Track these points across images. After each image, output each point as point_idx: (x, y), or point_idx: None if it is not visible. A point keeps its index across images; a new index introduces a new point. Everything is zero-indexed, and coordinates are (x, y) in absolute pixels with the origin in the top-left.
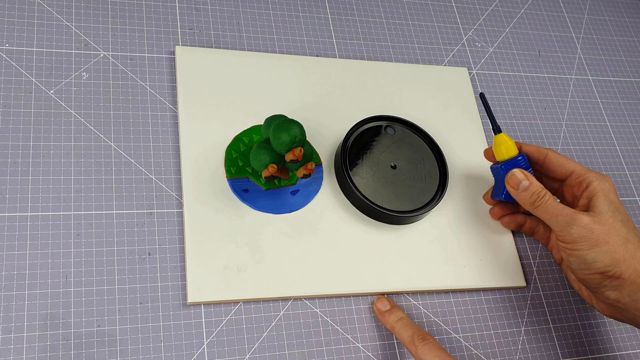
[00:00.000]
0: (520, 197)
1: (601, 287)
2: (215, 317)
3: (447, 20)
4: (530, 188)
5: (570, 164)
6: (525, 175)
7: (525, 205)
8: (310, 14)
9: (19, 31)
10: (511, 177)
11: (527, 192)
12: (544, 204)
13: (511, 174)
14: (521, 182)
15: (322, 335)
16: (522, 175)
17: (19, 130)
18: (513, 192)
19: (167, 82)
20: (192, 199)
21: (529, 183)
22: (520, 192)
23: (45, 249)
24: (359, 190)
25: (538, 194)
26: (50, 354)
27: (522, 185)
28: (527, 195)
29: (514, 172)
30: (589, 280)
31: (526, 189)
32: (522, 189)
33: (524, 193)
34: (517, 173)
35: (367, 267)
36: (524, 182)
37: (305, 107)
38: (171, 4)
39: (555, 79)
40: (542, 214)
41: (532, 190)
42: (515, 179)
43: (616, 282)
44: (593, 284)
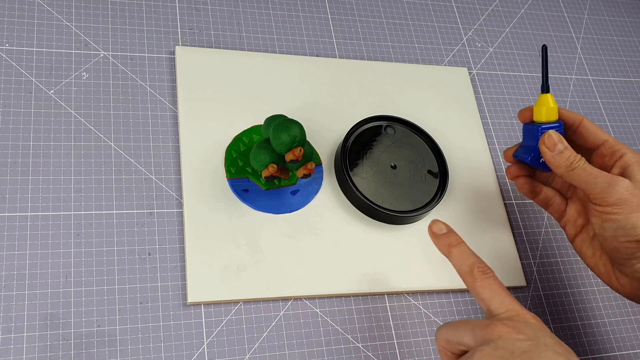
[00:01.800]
0: (555, 160)
1: (633, 258)
2: (215, 317)
3: (447, 20)
4: (566, 151)
5: (603, 134)
6: (560, 138)
7: (559, 169)
8: (310, 14)
9: (19, 31)
10: (548, 137)
11: (563, 154)
12: (581, 167)
13: (548, 134)
14: (557, 144)
15: (322, 335)
16: (557, 137)
17: (19, 130)
18: (548, 154)
19: (167, 82)
20: (192, 199)
21: (564, 147)
22: (555, 154)
23: (45, 249)
24: (359, 190)
25: (575, 156)
26: (50, 354)
27: (558, 148)
28: (562, 158)
29: (550, 133)
30: (622, 249)
31: (562, 152)
32: (557, 151)
33: (559, 155)
34: (552, 135)
35: (367, 267)
36: (560, 144)
37: (305, 107)
38: (171, 4)
39: (555, 79)
40: (579, 176)
41: (569, 154)
42: (552, 140)
43: None
44: (626, 253)
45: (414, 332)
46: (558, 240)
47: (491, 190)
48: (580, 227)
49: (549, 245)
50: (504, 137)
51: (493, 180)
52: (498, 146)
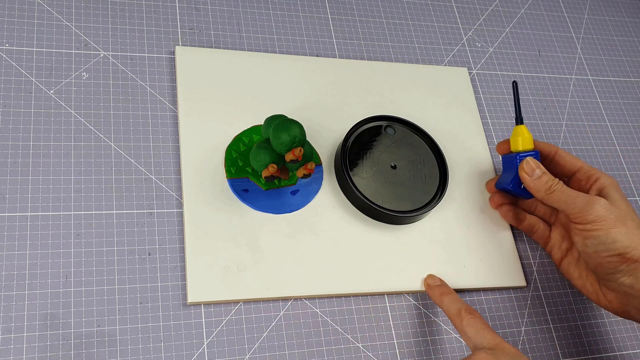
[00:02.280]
0: (535, 184)
1: (617, 272)
2: (215, 317)
3: (447, 20)
4: (544, 176)
5: (578, 161)
6: (537, 164)
7: (539, 192)
8: (310, 14)
9: (19, 31)
10: (526, 164)
11: (542, 179)
12: (559, 189)
13: (526, 161)
14: (535, 170)
15: (322, 335)
16: (537, 163)
17: (19, 130)
18: (527, 179)
19: (167, 82)
20: (192, 199)
21: (541, 172)
22: (534, 179)
23: (45, 249)
24: (359, 190)
25: (553, 180)
26: (50, 354)
27: (536, 173)
28: (541, 182)
29: (528, 160)
30: (605, 264)
31: (540, 177)
32: (536, 176)
33: (538, 180)
34: (531, 161)
35: (367, 267)
36: (539, 169)
37: (305, 107)
38: (171, 4)
39: (555, 79)
40: (558, 198)
41: (547, 178)
42: (530, 166)
43: (633, 265)
44: (609, 268)
45: (414, 332)
46: None
47: None
48: (565, 251)
49: None
50: (504, 137)
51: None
52: None
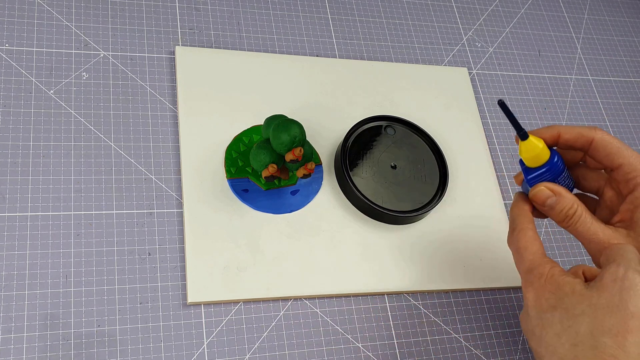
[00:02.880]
0: (550, 215)
1: None
2: (215, 317)
3: (447, 20)
4: (558, 205)
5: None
6: (551, 190)
7: (558, 223)
8: (310, 14)
9: (19, 31)
10: (535, 194)
11: (555, 209)
12: (574, 224)
13: (536, 191)
14: (547, 200)
15: (322, 335)
16: (548, 191)
17: (19, 130)
18: (541, 210)
19: (167, 82)
20: (192, 199)
21: (556, 200)
22: (548, 211)
23: (45, 249)
24: (359, 190)
25: (567, 212)
26: (50, 354)
27: (548, 203)
28: (555, 213)
29: (539, 190)
30: None
31: (553, 207)
32: (548, 208)
33: (551, 212)
34: (542, 190)
35: (367, 267)
36: (550, 199)
37: (305, 107)
38: (171, 4)
39: (555, 79)
40: (574, 234)
41: (561, 208)
42: (540, 197)
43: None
44: None
45: (414, 332)
46: (558, 240)
47: (491, 190)
48: None
49: (549, 245)
50: (504, 137)
51: (493, 180)
52: (498, 146)
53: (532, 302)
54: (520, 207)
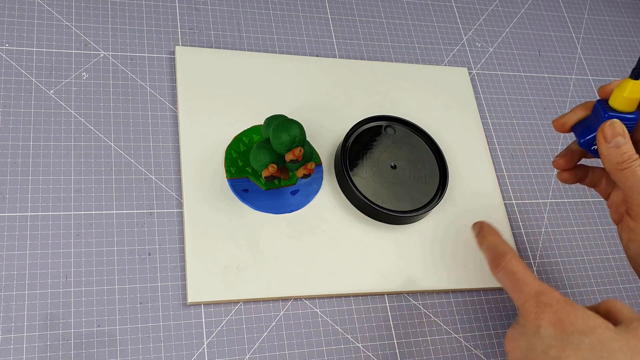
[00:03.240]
0: (609, 153)
1: None
2: (215, 317)
3: (447, 20)
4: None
5: None
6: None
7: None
8: (310, 14)
9: (19, 31)
10: (609, 127)
11: (619, 150)
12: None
13: (611, 123)
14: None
15: (322, 335)
16: (622, 129)
17: (19, 130)
18: (602, 145)
19: (167, 82)
20: (192, 199)
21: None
22: (611, 147)
23: (45, 249)
24: (359, 190)
25: (630, 155)
26: (50, 354)
27: (616, 141)
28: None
29: (615, 123)
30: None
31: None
32: (614, 144)
33: (615, 149)
34: (617, 126)
35: (367, 267)
36: (621, 138)
37: (305, 107)
38: (171, 4)
39: (555, 79)
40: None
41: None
42: (612, 130)
43: None
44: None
45: (414, 332)
46: (558, 240)
47: (491, 190)
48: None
49: (549, 245)
50: (504, 137)
51: (493, 180)
52: (498, 146)
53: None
54: (497, 235)
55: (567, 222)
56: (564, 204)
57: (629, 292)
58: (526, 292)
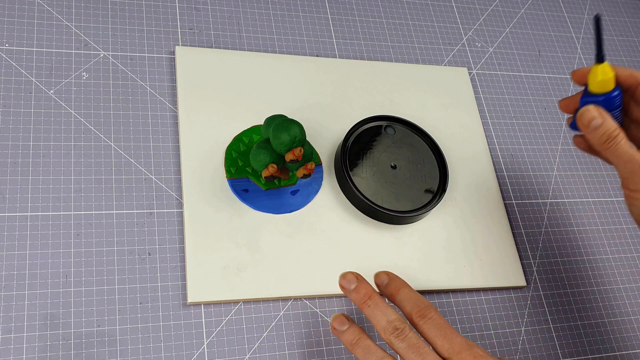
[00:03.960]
0: (591, 137)
1: None
2: (215, 317)
3: (447, 20)
4: (601, 127)
5: None
6: (599, 113)
7: (596, 145)
8: (310, 14)
9: (19, 31)
10: (583, 114)
11: (598, 131)
12: (614, 146)
13: (584, 110)
14: (593, 120)
15: (322, 335)
16: (596, 112)
17: (19, 130)
18: (584, 131)
19: (167, 82)
20: (192, 199)
21: (601, 122)
22: (591, 131)
23: (45, 249)
24: (359, 190)
25: (610, 134)
26: (50, 354)
27: (593, 124)
28: (597, 135)
29: (587, 109)
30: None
31: (597, 128)
32: (592, 129)
33: (594, 132)
34: (590, 110)
35: (367, 267)
36: (596, 120)
37: (305, 107)
38: (171, 4)
39: (555, 79)
40: (611, 156)
41: (604, 130)
42: (586, 117)
43: None
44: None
45: None
46: (558, 240)
47: (491, 190)
48: None
49: (549, 245)
50: (504, 137)
51: (493, 180)
52: (498, 146)
53: None
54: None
55: (567, 222)
56: (564, 204)
57: (629, 292)
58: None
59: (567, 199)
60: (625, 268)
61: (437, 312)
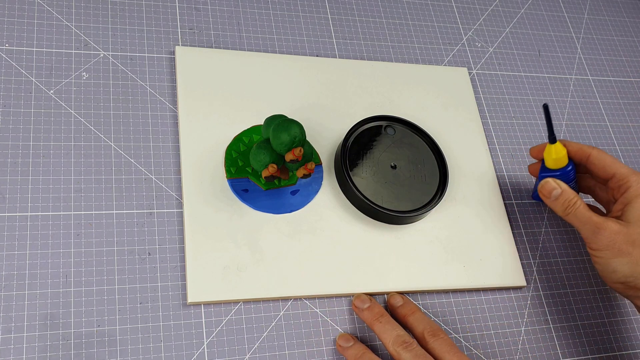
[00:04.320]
0: (552, 206)
1: (627, 296)
2: (215, 317)
3: (447, 20)
4: (561, 197)
5: (613, 166)
6: (557, 184)
7: (558, 212)
8: (310, 14)
9: (19, 31)
10: (544, 185)
11: (558, 200)
12: (573, 212)
13: (544, 182)
14: (553, 191)
15: (322, 335)
16: (555, 184)
17: (19, 130)
18: (546, 201)
19: (167, 82)
20: (192, 199)
21: (560, 192)
22: (552, 201)
23: (45, 249)
24: (359, 190)
25: (569, 201)
26: (50, 354)
27: (553, 194)
28: (558, 203)
29: (547, 181)
30: (614, 288)
31: (557, 198)
32: (553, 198)
33: (555, 202)
34: (549, 182)
35: (367, 267)
36: (556, 190)
37: (305, 107)
38: (171, 4)
39: (555, 79)
40: (572, 220)
41: (564, 199)
42: (547, 187)
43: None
44: (619, 291)
45: None
46: (558, 240)
47: (491, 190)
48: None
49: (549, 245)
50: (504, 137)
51: (493, 180)
52: (498, 146)
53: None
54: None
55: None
56: None
57: None
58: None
59: None
60: None
61: (447, 335)
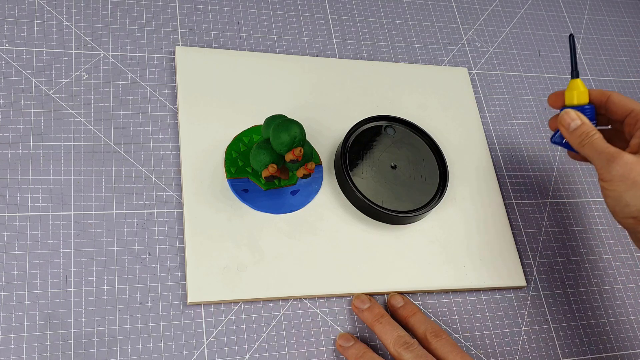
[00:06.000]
0: (570, 136)
1: (636, 232)
2: (215, 317)
3: (447, 20)
4: (580, 128)
5: (631, 104)
6: (578, 115)
7: (574, 145)
8: (310, 14)
9: (19, 31)
10: (563, 116)
11: (576, 131)
12: (590, 142)
13: (565, 112)
14: (572, 122)
15: (322, 335)
16: (575, 115)
17: (19, 130)
18: (564, 132)
19: (167, 82)
20: (192, 199)
21: (579, 123)
22: (570, 132)
23: (45, 249)
24: (359, 190)
25: (587, 132)
26: (50, 354)
27: (572, 125)
28: (575, 135)
29: (566, 112)
30: (624, 223)
31: (576, 129)
32: (572, 128)
33: (574, 132)
34: (569, 112)
35: (367, 267)
36: (575, 121)
37: (305, 107)
38: (171, 4)
39: (555, 79)
40: (588, 151)
41: (582, 130)
42: (567, 118)
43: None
44: (629, 228)
45: None
46: (558, 240)
47: (491, 190)
48: None
49: (549, 245)
50: (504, 137)
51: (493, 180)
52: (498, 146)
53: None
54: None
55: (567, 222)
56: (564, 204)
57: (629, 292)
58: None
59: (567, 199)
60: (625, 268)
61: (449, 336)
